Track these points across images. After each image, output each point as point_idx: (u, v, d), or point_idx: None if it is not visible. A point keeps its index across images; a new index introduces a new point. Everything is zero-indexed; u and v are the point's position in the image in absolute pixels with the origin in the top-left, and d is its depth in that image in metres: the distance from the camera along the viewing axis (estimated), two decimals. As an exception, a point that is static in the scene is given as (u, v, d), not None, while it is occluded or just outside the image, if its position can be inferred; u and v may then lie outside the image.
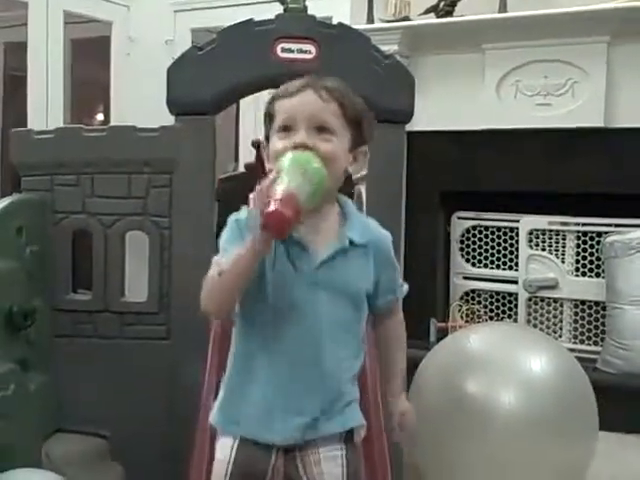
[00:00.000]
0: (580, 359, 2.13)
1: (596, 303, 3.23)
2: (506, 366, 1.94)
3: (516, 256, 3.41)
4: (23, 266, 2.00)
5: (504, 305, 3.49)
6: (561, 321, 3.33)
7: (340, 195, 1.37)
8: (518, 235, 3.39)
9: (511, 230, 3.44)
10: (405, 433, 1.46)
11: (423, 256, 3.45)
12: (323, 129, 1.29)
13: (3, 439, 1.80)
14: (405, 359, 1.49)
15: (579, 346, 3.21)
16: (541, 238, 3.35)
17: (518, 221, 3.39)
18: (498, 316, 3.49)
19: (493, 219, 3.48)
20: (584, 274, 3.26)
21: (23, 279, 1.99)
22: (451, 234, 3.57)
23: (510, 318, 3.44)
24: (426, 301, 3.47)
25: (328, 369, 1.30)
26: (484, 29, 3.29)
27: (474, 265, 3.54)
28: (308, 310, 1.29)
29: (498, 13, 3.24)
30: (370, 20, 3.48)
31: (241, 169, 3.49)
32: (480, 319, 3.43)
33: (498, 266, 3.48)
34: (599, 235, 3.19)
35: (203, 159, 2.09)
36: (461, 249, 3.56)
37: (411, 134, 2.57)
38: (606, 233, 3.13)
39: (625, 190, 3.10)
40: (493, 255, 3.49)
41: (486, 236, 3.50)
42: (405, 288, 1.46)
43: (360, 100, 1.36)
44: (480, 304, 3.52)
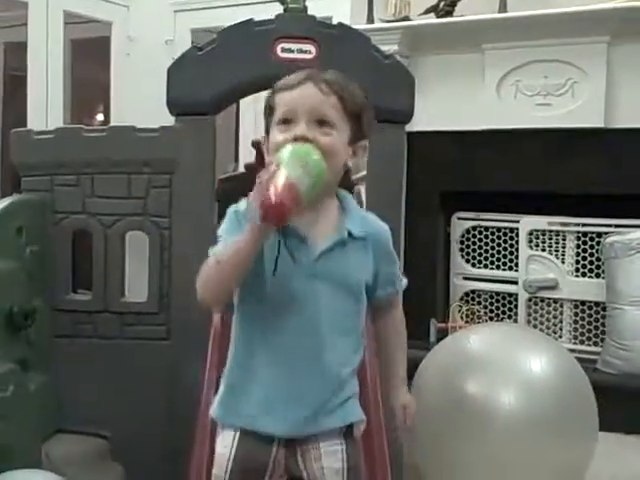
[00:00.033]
0: (580, 360, 2.13)
1: (596, 304, 3.23)
2: (506, 366, 1.94)
3: (516, 256, 3.41)
4: (23, 266, 2.00)
5: (504, 305, 3.48)
6: (561, 322, 3.33)
7: (339, 189, 1.37)
8: (518, 235, 3.39)
9: (511, 230, 3.43)
10: (406, 426, 1.46)
11: (423, 256, 3.45)
12: (323, 122, 1.29)
13: (3, 439, 1.79)
14: (405, 352, 1.49)
15: (579, 347, 3.21)
16: (541, 238, 3.35)
17: (518, 221, 3.39)
18: (498, 317, 3.49)
19: (493, 219, 3.48)
20: (584, 275, 3.26)
21: (23, 279, 1.99)
22: (451, 234, 3.57)
23: (510, 319, 3.44)
24: (426, 301, 3.47)
25: (328, 361, 1.30)
26: (484, 29, 3.29)
27: (474, 265, 3.54)
28: (307, 302, 1.28)
29: (498, 13, 3.23)
30: (370, 20, 3.48)
31: (241, 169, 3.49)
32: (480, 320, 3.43)
33: (498, 266, 3.48)
34: (599, 235, 3.19)
35: (203, 159, 2.09)
36: (461, 249, 3.56)
37: (411, 134, 2.57)
38: (606, 233, 3.13)
39: (625, 190, 3.09)
40: (493, 255, 3.49)
41: (486, 236, 3.50)
42: (404, 282, 1.46)
43: (360, 93, 1.36)
44: (480, 304, 3.52)
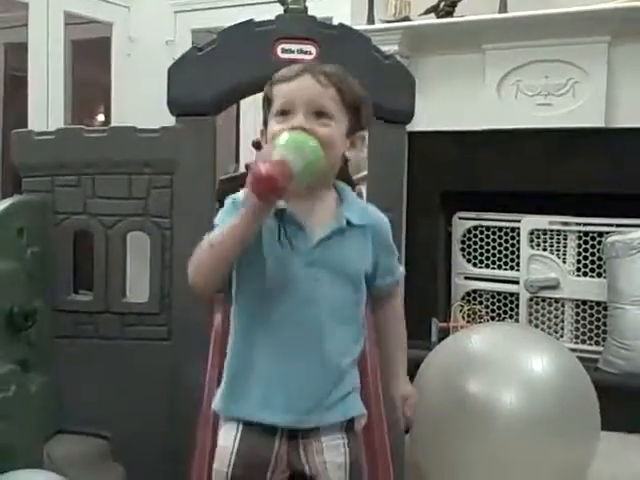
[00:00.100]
0: (581, 359, 2.13)
1: (597, 303, 3.23)
2: (508, 366, 1.94)
3: (517, 256, 3.41)
4: (24, 267, 2.00)
5: (505, 305, 3.48)
6: (562, 321, 3.33)
7: (338, 181, 1.37)
8: (519, 235, 3.39)
9: (512, 230, 3.43)
10: (407, 417, 1.45)
11: (424, 256, 3.45)
12: (321, 114, 1.28)
13: (4, 440, 1.80)
14: (405, 342, 1.48)
15: (580, 346, 3.21)
16: (542, 238, 3.35)
17: (519, 221, 3.39)
18: (499, 316, 3.49)
19: (494, 219, 3.48)
20: (585, 274, 3.26)
21: (24, 280, 1.99)
22: (452, 234, 3.57)
23: (511, 318, 3.44)
24: (427, 301, 3.48)
25: (328, 351, 1.29)
26: (484, 29, 3.29)
27: (475, 265, 3.54)
28: (306, 290, 1.28)
29: (498, 13, 3.23)
30: (370, 21, 3.48)
31: (242, 170, 3.49)
32: (481, 319, 3.43)
33: (499, 266, 3.48)
34: (600, 235, 3.19)
35: (204, 160, 2.09)
36: (462, 249, 3.56)
37: (412, 134, 2.57)
38: (607, 233, 3.13)
39: (626, 190, 3.10)
40: (494, 255, 3.49)
41: (487, 236, 3.50)
42: (402, 271, 1.46)
43: (359, 85, 1.35)
44: (481, 304, 3.52)
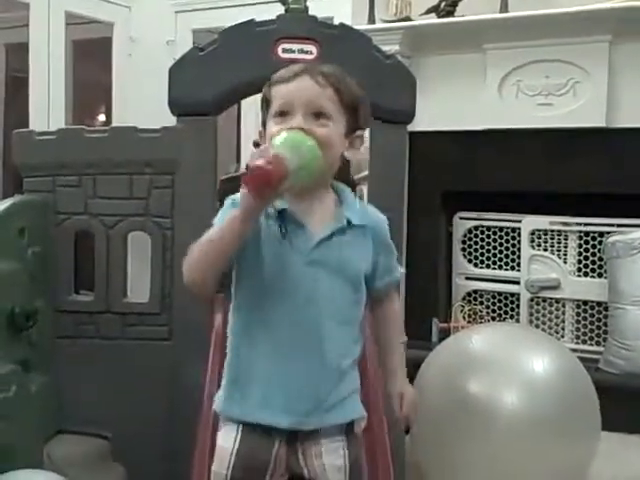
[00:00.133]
0: (582, 359, 2.13)
1: (598, 303, 3.22)
2: (508, 366, 1.94)
3: (518, 256, 3.41)
4: (25, 267, 2.00)
5: (506, 305, 3.48)
6: (563, 321, 3.33)
7: (337, 182, 1.37)
8: (520, 235, 3.39)
9: (513, 230, 3.43)
10: (404, 415, 1.45)
11: (425, 257, 3.45)
12: (319, 114, 1.29)
13: (4, 440, 1.80)
14: (403, 342, 1.49)
15: (581, 346, 3.21)
16: (543, 238, 3.35)
17: (520, 221, 3.39)
18: (500, 316, 3.49)
19: (495, 219, 3.48)
20: (586, 274, 3.26)
21: (25, 280, 1.99)
22: (453, 234, 3.57)
23: (512, 318, 3.44)
24: (428, 301, 3.48)
25: (328, 351, 1.29)
26: (485, 29, 3.29)
27: (476, 265, 3.54)
28: (305, 290, 1.28)
29: (499, 13, 3.23)
30: (371, 20, 3.48)
31: (242, 170, 3.49)
32: (482, 319, 3.43)
33: (500, 266, 3.48)
34: (601, 235, 3.19)
35: (205, 160, 2.09)
36: (463, 249, 3.56)
37: (413, 134, 2.57)
38: (608, 233, 3.13)
39: (627, 190, 3.09)
40: (495, 255, 3.49)
41: (488, 236, 3.50)
42: (402, 271, 1.46)
43: (356, 85, 1.35)
44: (482, 304, 3.52)
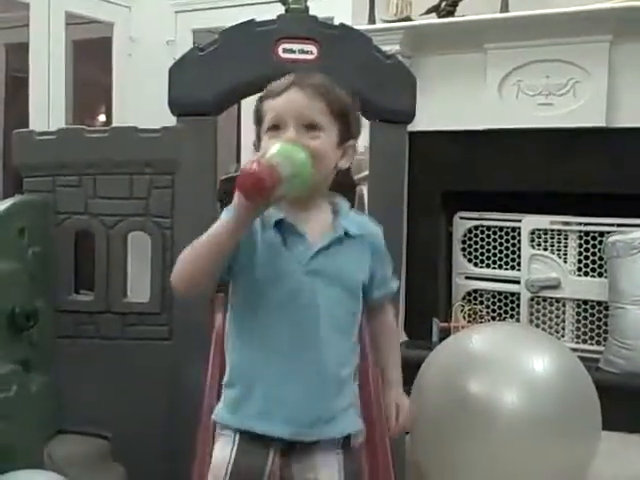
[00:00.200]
0: (583, 359, 2.13)
1: (598, 303, 3.22)
2: (509, 366, 1.94)
3: (518, 256, 3.41)
4: (25, 267, 2.00)
5: (506, 305, 3.48)
6: (563, 321, 3.33)
7: (333, 193, 1.39)
8: (520, 235, 3.39)
9: (513, 230, 3.43)
10: (399, 427, 1.46)
11: (425, 256, 3.45)
12: (311, 126, 1.30)
13: (5, 440, 1.80)
14: (399, 353, 1.50)
15: (582, 346, 3.21)
16: (543, 238, 3.35)
17: (520, 221, 3.39)
18: (500, 316, 3.49)
19: (495, 219, 3.48)
20: (586, 274, 3.26)
21: (25, 280, 1.99)
22: (453, 234, 3.57)
23: (512, 318, 3.44)
24: (428, 301, 3.48)
25: (326, 361, 1.30)
26: (486, 29, 3.28)
27: (476, 265, 3.54)
28: (304, 298, 1.29)
29: (500, 13, 3.23)
30: (372, 20, 3.47)
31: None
32: (482, 319, 3.43)
33: (500, 266, 3.48)
34: (601, 235, 3.19)
35: (205, 160, 2.09)
36: (463, 249, 3.56)
37: (413, 134, 2.58)
38: (608, 233, 3.13)
39: (627, 190, 3.09)
40: (495, 255, 3.49)
41: (488, 236, 3.50)
42: (396, 284, 1.48)
43: (346, 95, 1.37)
44: (482, 304, 3.51)
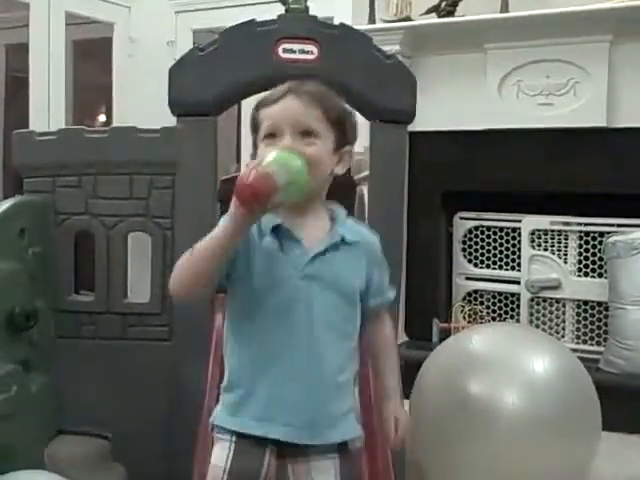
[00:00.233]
0: (583, 359, 2.13)
1: (599, 303, 3.22)
2: (509, 366, 1.93)
3: (518, 256, 3.41)
4: (25, 267, 2.00)
5: (506, 306, 3.48)
6: (564, 321, 3.33)
7: (330, 201, 1.40)
8: (520, 235, 3.39)
9: (513, 230, 3.43)
10: (398, 439, 1.45)
11: (425, 257, 3.45)
12: (307, 133, 1.32)
13: (5, 440, 1.80)
14: (397, 363, 1.49)
15: (582, 346, 3.21)
16: (543, 238, 3.35)
17: (520, 221, 3.39)
18: (500, 316, 3.49)
19: (495, 219, 3.48)
20: (586, 274, 3.26)
21: (25, 280, 1.99)
22: (453, 234, 3.57)
23: (512, 318, 3.44)
24: (428, 301, 3.48)
25: (324, 367, 1.30)
26: (486, 29, 3.28)
27: (476, 266, 3.54)
28: (300, 303, 1.30)
29: (500, 13, 3.23)
30: (372, 20, 3.47)
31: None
32: (482, 320, 3.43)
33: (500, 266, 3.48)
34: (601, 235, 3.18)
35: (205, 160, 2.09)
36: (463, 249, 3.55)
37: (413, 134, 2.58)
38: (608, 233, 3.13)
39: (627, 190, 3.09)
40: (495, 255, 3.49)
41: (488, 236, 3.50)
42: (393, 293, 1.47)
43: (342, 102, 1.40)
44: (482, 304, 3.51)
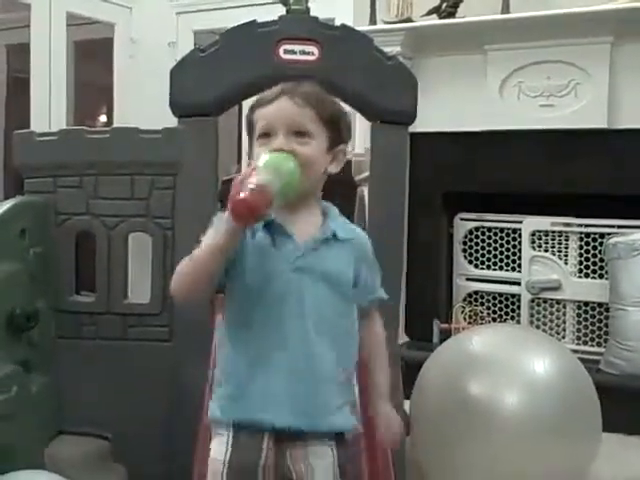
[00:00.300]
0: (583, 360, 2.13)
1: (599, 304, 3.22)
2: (509, 367, 1.94)
3: (519, 257, 3.41)
4: (26, 268, 2.00)
5: (507, 307, 3.48)
6: (564, 322, 3.33)
7: (323, 200, 1.43)
8: (521, 236, 3.39)
9: (514, 231, 3.43)
10: (390, 440, 1.47)
11: (426, 257, 3.45)
12: (301, 133, 1.35)
13: (5, 440, 1.80)
14: (387, 363, 1.50)
15: (582, 347, 3.20)
16: (544, 239, 3.35)
17: (521, 222, 3.39)
18: (501, 317, 3.48)
19: (496, 220, 3.48)
20: (587, 275, 3.26)
21: (26, 281, 1.99)
22: (454, 235, 3.57)
23: (513, 319, 3.43)
24: (429, 302, 3.48)
25: (315, 358, 1.32)
26: (486, 30, 3.28)
27: (477, 266, 3.53)
28: (292, 296, 1.32)
29: (500, 14, 3.23)
30: (373, 21, 3.48)
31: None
32: (483, 320, 3.43)
33: (501, 267, 3.48)
34: (602, 236, 3.18)
35: (206, 160, 2.09)
36: (464, 250, 3.55)
37: (414, 135, 2.57)
38: (609, 234, 3.13)
39: (628, 191, 3.09)
40: (496, 256, 3.49)
41: (489, 237, 3.50)
42: (383, 295, 1.48)
43: (335, 102, 1.43)
44: (483, 305, 3.51)
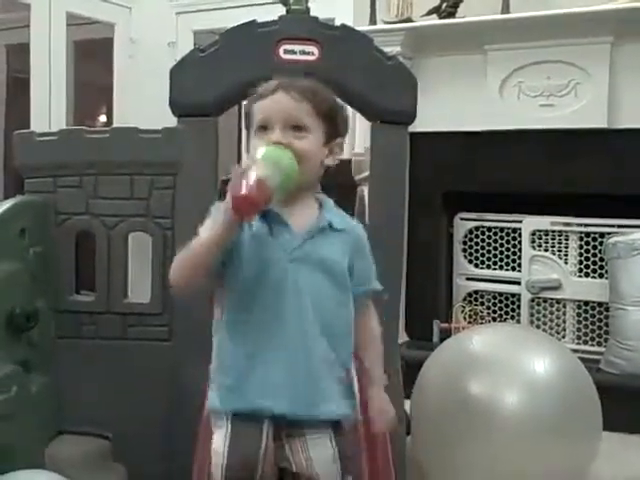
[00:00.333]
0: (583, 360, 2.13)
1: (599, 304, 3.22)
2: (509, 367, 1.94)
3: (519, 257, 3.41)
4: (26, 268, 2.00)
5: (507, 306, 3.48)
6: (564, 322, 3.33)
7: (320, 193, 1.45)
8: (521, 236, 3.39)
9: (514, 231, 3.43)
10: (381, 422, 1.48)
11: (426, 257, 3.46)
12: (297, 127, 1.37)
13: (5, 440, 1.80)
14: (381, 352, 1.51)
15: (582, 347, 3.21)
16: (544, 239, 3.35)
17: (521, 222, 3.39)
18: (501, 317, 3.49)
19: (496, 220, 3.48)
20: (587, 275, 3.26)
21: (26, 281, 1.99)
22: (454, 235, 3.57)
23: (513, 319, 3.44)
24: (429, 302, 3.48)
25: (312, 346, 1.34)
26: (487, 30, 3.29)
27: (477, 266, 3.54)
28: (289, 285, 1.34)
29: (500, 14, 3.23)
30: (373, 21, 3.48)
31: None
32: (483, 320, 3.43)
33: (501, 267, 3.48)
34: (602, 236, 3.19)
35: (206, 160, 2.09)
36: (464, 250, 3.56)
37: (414, 135, 2.57)
38: (609, 234, 3.13)
39: (628, 191, 3.09)
40: (496, 256, 3.49)
41: (489, 237, 3.50)
42: (378, 287, 1.50)
43: (332, 97, 1.45)
44: (483, 305, 3.52)
